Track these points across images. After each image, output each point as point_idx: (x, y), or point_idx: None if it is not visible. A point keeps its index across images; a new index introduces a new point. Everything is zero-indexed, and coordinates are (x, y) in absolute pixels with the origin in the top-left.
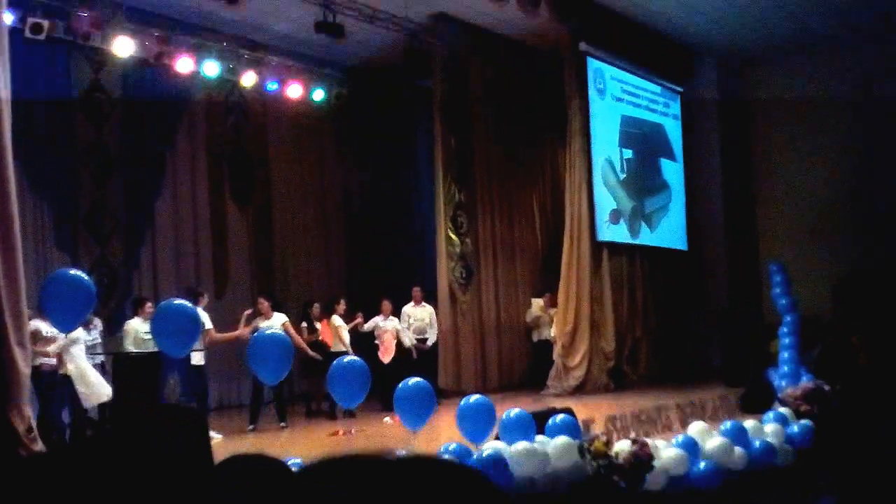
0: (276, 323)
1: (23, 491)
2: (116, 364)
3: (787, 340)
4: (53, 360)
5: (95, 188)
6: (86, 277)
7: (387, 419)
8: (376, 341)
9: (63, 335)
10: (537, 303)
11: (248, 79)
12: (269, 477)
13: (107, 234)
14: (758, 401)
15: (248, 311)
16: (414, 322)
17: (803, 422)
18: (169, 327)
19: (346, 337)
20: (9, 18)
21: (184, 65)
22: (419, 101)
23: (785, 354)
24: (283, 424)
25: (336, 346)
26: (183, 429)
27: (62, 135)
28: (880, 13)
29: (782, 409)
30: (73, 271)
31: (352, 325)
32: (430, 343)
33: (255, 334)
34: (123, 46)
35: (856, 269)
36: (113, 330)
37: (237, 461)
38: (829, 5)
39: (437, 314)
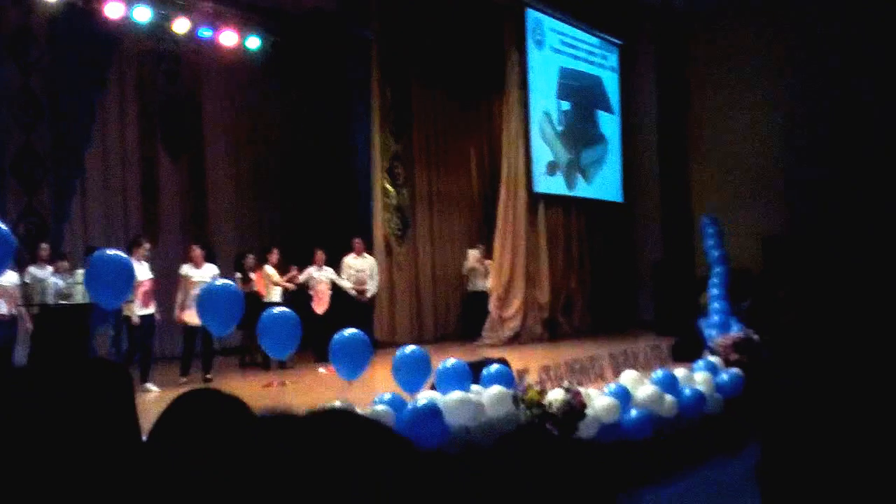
0: (206, 273)
1: None
2: (41, 315)
3: (716, 291)
4: (4, 309)
5: (23, 135)
6: (3, 226)
7: (321, 370)
8: (310, 292)
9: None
10: (473, 254)
11: (181, 25)
12: (228, 412)
13: (35, 182)
14: (689, 350)
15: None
16: (354, 273)
17: (733, 370)
18: (102, 277)
19: (278, 289)
20: None
21: (114, 9)
22: (356, 50)
23: (715, 305)
24: (208, 376)
25: (270, 296)
26: (103, 384)
27: None
28: None
29: (712, 358)
30: None
31: (286, 277)
32: (370, 294)
33: (206, 285)
34: None
35: (784, 227)
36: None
37: (194, 395)
38: None
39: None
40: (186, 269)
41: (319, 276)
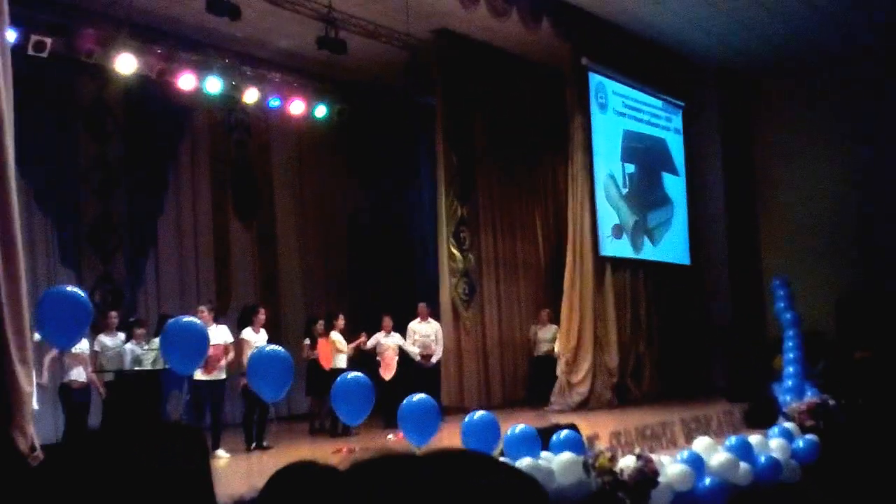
0: (262, 338)
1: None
2: (115, 382)
3: (791, 355)
4: (83, 377)
5: (99, 204)
6: (81, 293)
7: (390, 436)
8: (378, 358)
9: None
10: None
11: (251, 95)
12: (325, 484)
13: (110, 251)
14: (762, 416)
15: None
16: (420, 338)
17: (808, 437)
18: (178, 343)
19: (346, 350)
20: (12, 36)
21: (186, 81)
22: (421, 117)
23: (790, 369)
24: (265, 444)
25: (336, 363)
26: (180, 448)
27: (66, 151)
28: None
29: (787, 424)
30: (69, 287)
31: (354, 343)
32: (435, 359)
33: (255, 350)
34: (126, 63)
35: (858, 286)
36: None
37: (291, 470)
38: (833, 23)
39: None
40: (247, 334)
41: (387, 342)
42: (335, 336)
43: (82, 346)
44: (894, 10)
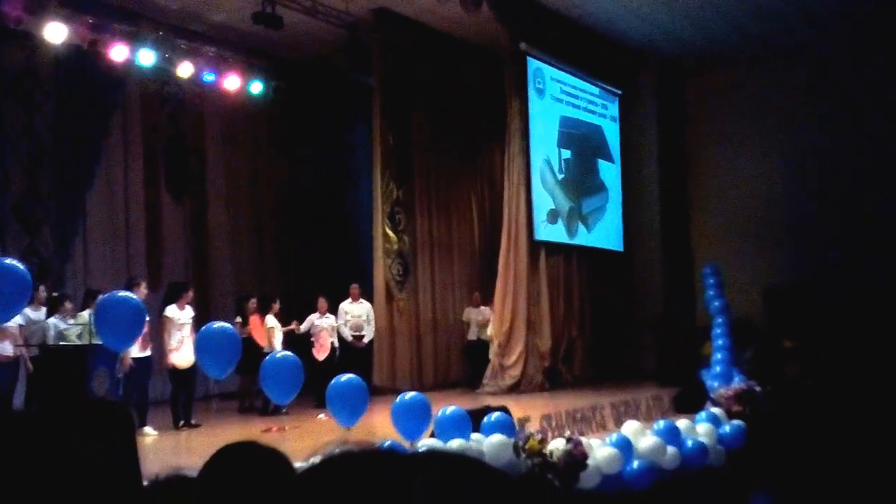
0: (188, 315)
1: None
2: (41, 357)
3: (719, 342)
4: (9, 351)
5: (26, 176)
6: (20, 266)
7: (320, 416)
8: (311, 338)
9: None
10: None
11: (185, 69)
12: (270, 469)
13: (37, 223)
14: (691, 401)
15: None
16: (351, 318)
17: (735, 422)
18: (112, 319)
19: (280, 338)
20: None
21: (118, 53)
22: (358, 96)
23: (718, 355)
24: (193, 422)
25: (273, 346)
26: (106, 424)
27: None
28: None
29: (714, 410)
30: (7, 260)
31: (287, 329)
32: (366, 340)
33: (202, 329)
34: (56, 33)
35: (787, 276)
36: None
37: (232, 450)
38: (768, 15)
39: (373, 311)
40: (171, 311)
41: (321, 323)
42: (271, 321)
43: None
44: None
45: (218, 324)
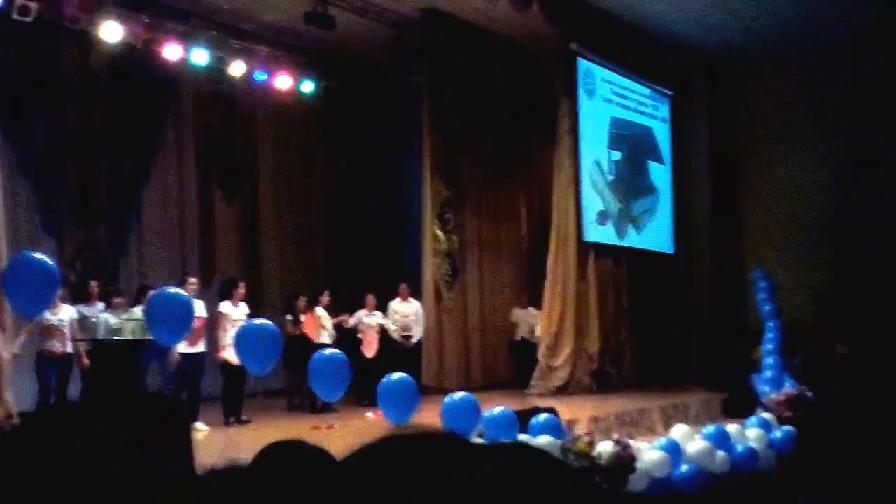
0: (242, 312)
1: None
2: (94, 351)
3: (770, 346)
4: (63, 346)
5: (81, 173)
6: (49, 260)
7: (369, 414)
8: (359, 336)
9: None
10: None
11: (237, 68)
12: (314, 466)
13: (92, 220)
14: (741, 405)
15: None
16: (400, 318)
17: (785, 427)
18: (162, 314)
19: (330, 328)
20: None
21: (172, 52)
22: (408, 95)
23: (769, 360)
24: (244, 418)
25: (320, 338)
26: (161, 418)
27: (50, 118)
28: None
29: (765, 415)
30: (35, 254)
31: (336, 320)
32: (415, 340)
33: (244, 325)
34: (112, 31)
35: (839, 280)
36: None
37: (277, 449)
38: (824, 16)
39: (422, 311)
40: (225, 307)
41: (369, 320)
42: (319, 311)
43: (64, 315)
44: (879, 5)
45: (258, 321)
